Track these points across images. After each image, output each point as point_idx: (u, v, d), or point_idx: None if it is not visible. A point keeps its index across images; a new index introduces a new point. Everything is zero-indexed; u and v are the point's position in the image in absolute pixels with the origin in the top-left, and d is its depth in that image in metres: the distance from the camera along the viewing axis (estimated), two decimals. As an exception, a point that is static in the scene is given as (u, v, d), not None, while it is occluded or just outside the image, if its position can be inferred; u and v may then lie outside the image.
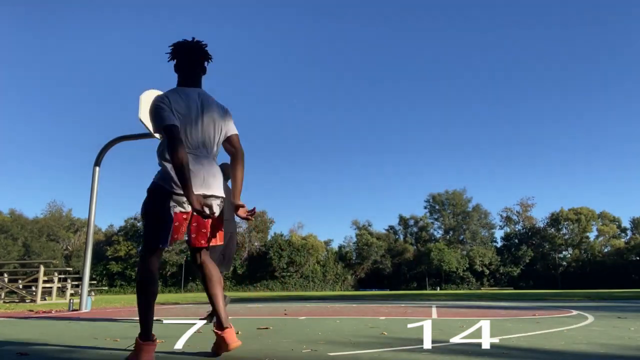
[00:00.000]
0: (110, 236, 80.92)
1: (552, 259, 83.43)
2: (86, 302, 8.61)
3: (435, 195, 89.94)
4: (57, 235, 77.61)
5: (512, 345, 2.71)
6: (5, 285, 14.87)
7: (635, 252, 76.85)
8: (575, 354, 2.32)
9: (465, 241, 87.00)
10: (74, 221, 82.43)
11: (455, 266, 78.92)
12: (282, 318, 5.33)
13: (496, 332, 3.43)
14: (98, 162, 9.34)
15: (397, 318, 5.17)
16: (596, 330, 3.56)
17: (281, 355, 2.37)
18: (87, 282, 8.98)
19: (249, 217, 2.47)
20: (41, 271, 14.48)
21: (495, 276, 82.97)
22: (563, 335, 3.16)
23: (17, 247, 69.48)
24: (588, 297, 13.92)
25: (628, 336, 3.10)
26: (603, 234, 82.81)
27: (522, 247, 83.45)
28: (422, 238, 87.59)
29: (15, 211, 76.57)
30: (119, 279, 75.06)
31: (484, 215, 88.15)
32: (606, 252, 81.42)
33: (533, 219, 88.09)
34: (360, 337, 3.20)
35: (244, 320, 4.99)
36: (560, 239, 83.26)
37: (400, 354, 2.39)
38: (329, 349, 2.58)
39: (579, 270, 79.63)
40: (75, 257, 70.97)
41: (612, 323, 4.18)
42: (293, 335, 3.35)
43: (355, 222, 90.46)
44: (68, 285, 16.58)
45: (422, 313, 6.31)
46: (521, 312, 6.05)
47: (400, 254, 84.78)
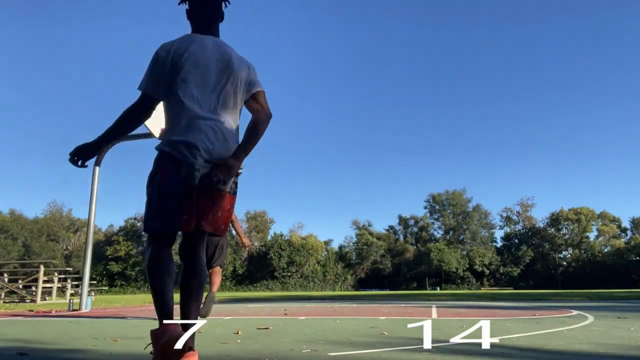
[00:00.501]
0: (110, 236, 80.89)
1: (552, 259, 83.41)
2: (86, 302, 8.61)
3: (435, 195, 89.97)
4: (57, 235, 77.58)
5: (512, 345, 2.71)
6: (5, 285, 14.87)
7: (635, 252, 76.82)
8: (575, 354, 2.32)
9: (465, 241, 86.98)
10: (74, 221, 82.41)
11: (455, 266, 78.90)
12: (282, 318, 5.33)
13: (496, 332, 3.42)
14: (98, 162, 9.35)
15: (397, 318, 5.17)
16: (596, 330, 3.56)
17: (281, 355, 2.36)
18: (87, 282, 8.98)
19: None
20: (41, 271, 14.48)
21: (495, 276, 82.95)
22: (563, 335, 3.16)
23: (17, 247, 69.45)
24: (588, 297, 13.92)
25: (628, 336, 3.09)
26: (603, 234, 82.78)
27: (522, 247, 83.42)
28: (422, 238, 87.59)
29: (15, 211, 76.58)
30: (119, 279, 75.03)
31: (484, 215, 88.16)
32: (606, 252, 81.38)
33: (533, 219, 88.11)
34: (360, 337, 3.20)
35: (244, 320, 4.99)
36: (560, 239, 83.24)
37: (400, 354, 2.39)
38: (329, 349, 2.58)
39: (579, 270, 79.60)
40: (75, 257, 70.93)
41: (612, 323, 4.18)
42: (293, 335, 3.35)
43: (355, 222, 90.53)
44: (68, 285, 16.58)
45: (422, 313, 6.31)
46: (521, 312, 6.05)
47: (400, 254, 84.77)
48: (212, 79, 2.05)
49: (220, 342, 2.92)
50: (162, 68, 2.01)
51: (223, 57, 2.10)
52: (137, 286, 74.13)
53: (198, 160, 1.95)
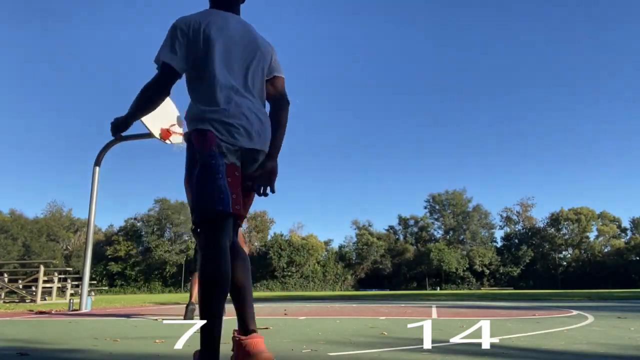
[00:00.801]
0: (110, 236, 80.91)
1: (552, 259, 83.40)
2: (86, 302, 8.61)
3: (435, 195, 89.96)
4: (57, 235, 77.59)
5: (512, 345, 2.71)
6: (5, 285, 14.87)
7: (635, 252, 76.82)
8: (575, 354, 2.32)
9: (465, 241, 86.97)
10: (74, 221, 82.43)
11: (455, 266, 78.90)
12: (282, 318, 5.33)
13: (496, 332, 3.42)
14: (98, 162, 9.35)
15: (397, 318, 5.17)
16: (596, 330, 3.56)
17: (281, 355, 2.36)
18: (87, 282, 8.98)
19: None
20: (41, 271, 14.48)
21: (495, 276, 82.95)
22: (563, 335, 3.16)
23: (17, 247, 69.46)
24: (588, 297, 13.92)
25: (628, 336, 3.09)
26: (603, 234, 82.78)
27: (522, 247, 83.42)
28: (422, 238, 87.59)
29: (15, 211, 76.59)
30: (119, 279, 75.06)
31: (484, 215, 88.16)
32: (606, 252, 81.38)
33: (533, 219, 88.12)
34: (360, 337, 3.19)
35: (244, 320, 4.98)
36: (560, 239, 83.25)
37: (400, 354, 2.39)
38: (329, 349, 2.58)
39: (579, 270, 79.60)
40: (75, 257, 70.93)
41: (612, 323, 4.18)
42: (293, 335, 3.35)
43: (355, 222, 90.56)
44: (68, 285, 16.58)
45: (422, 313, 6.31)
46: (521, 312, 6.04)
47: (400, 254, 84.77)
48: (239, 55, 1.87)
49: (220, 342, 2.91)
50: (182, 39, 1.82)
51: (249, 35, 1.95)
52: (137, 286, 74.16)
53: (238, 139, 1.77)
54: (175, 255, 75.84)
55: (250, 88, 1.88)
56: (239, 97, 1.82)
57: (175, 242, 78.57)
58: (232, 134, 1.76)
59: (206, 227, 1.68)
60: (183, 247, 77.28)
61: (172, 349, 2.58)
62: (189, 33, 1.82)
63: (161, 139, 8.88)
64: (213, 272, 1.59)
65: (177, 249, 77.18)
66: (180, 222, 78.37)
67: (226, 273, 1.61)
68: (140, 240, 78.88)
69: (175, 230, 79.56)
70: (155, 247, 75.61)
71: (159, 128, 8.73)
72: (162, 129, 8.77)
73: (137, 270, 75.78)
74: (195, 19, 1.84)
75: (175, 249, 77.17)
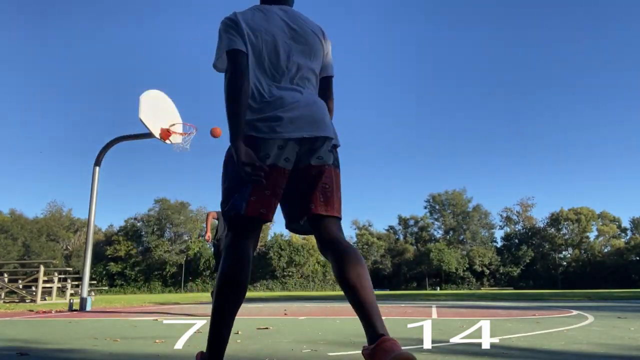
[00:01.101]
0: (110, 236, 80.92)
1: (552, 259, 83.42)
2: (86, 302, 8.62)
3: (435, 195, 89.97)
4: (57, 235, 77.60)
5: (512, 345, 2.71)
6: (5, 285, 14.88)
7: (635, 252, 76.83)
8: (575, 354, 2.32)
9: (465, 241, 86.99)
10: (74, 221, 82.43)
11: (455, 266, 78.91)
12: (282, 318, 5.33)
13: (496, 332, 3.42)
14: (98, 162, 9.35)
15: (397, 318, 5.17)
16: (596, 330, 3.55)
17: (281, 355, 2.36)
18: (87, 282, 8.98)
19: None
20: (41, 271, 14.48)
21: (495, 276, 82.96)
22: (563, 335, 3.16)
23: (17, 247, 69.46)
24: (588, 297, 13.92)
25: (628, 336, 3.09)
26: (603, 234, 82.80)
27: (522, 247, 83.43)
28: (422, 238, 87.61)
29: (15, 211, 76.60)
30: (118, 279, 75.04)
31: (484, 215, 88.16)
32: (606, 252, 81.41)
33: (533, 219, 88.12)
34: (360, 337, 3.19)
35: (244, 321, 4.99)
36: (560, 239, 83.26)
37: (400, 354, 2.39)
38: (329, 349, 2.58)
39: (579, 270, 79.62)
40: (75, 257, 70.96)
41: (612, 323, 4.17)
42: (293, 335, 3.35)
43: (355, 222, 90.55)
44: (68, 285, 16.59)
45: (422, 313, 6.31)
46: (521, 312, 6.04)
47: (400, 254, 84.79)
48: (281, 49, 1.76)
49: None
50: (236, 30, 1.72)
51: (303, 29, 1.83)
52: (137, 286, 74.15)
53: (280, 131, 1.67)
54: (175, 255, 75.85)
55: (300, 83, 1.78)
56: (291, 94, 1.72)
57: (175, 242, 78.57)
58: (273, 128, 1.66)
59: (228, 229, 1.68)
60: (183, 247, 77.33)
61: (172, 349, 2.58)
62: (239, 28, 1.73)
63: (161, 139, 8.88)
64: (224, 272, 1.55)
65: (177, 249, 77.20)
66: (180, 222, 78.40)
67: (238, 275, 1.55)
68: (140, 240, 78.89)
69: (175, 230, 79.57)
70: (155, 247, 75.62)
71: (159, 128, 8.74)
72: (162, 129, 8.77)
73: (137, 270, 75.77)
74: (241, 16, 1.77)
75: (175, 249, 77.18)
